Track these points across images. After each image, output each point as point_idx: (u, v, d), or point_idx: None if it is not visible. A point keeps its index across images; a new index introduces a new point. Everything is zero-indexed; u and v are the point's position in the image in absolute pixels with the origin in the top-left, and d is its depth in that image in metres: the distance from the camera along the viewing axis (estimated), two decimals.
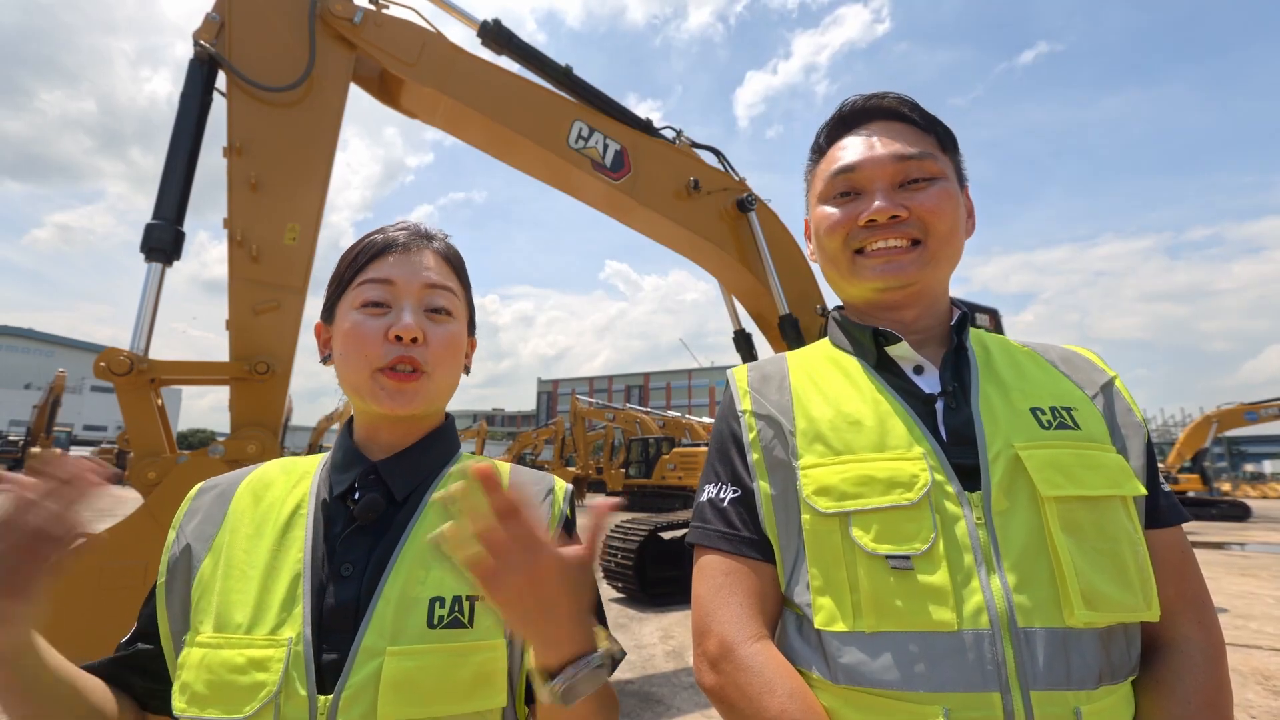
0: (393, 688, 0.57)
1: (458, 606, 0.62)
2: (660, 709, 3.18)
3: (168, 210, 3.53)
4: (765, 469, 0.70)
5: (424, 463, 0.72)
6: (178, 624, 0.65)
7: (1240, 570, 8.68)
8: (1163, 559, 0.66)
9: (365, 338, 0.67)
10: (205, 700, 0.57)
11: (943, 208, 0.70)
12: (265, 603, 0.61)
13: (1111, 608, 0.58)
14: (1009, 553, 0.59)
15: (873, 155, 0.71)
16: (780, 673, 0.62)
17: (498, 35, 4.75)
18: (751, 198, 5.70)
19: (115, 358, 3.12)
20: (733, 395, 0.76)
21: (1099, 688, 0.57)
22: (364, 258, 0.70)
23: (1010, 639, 0.56)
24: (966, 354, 0.72)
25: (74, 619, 2.60)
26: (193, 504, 0.71)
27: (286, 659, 0.58)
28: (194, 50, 3.69)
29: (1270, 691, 3.57)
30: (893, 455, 0.64)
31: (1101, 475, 0.63)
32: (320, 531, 0.66)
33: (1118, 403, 0.72)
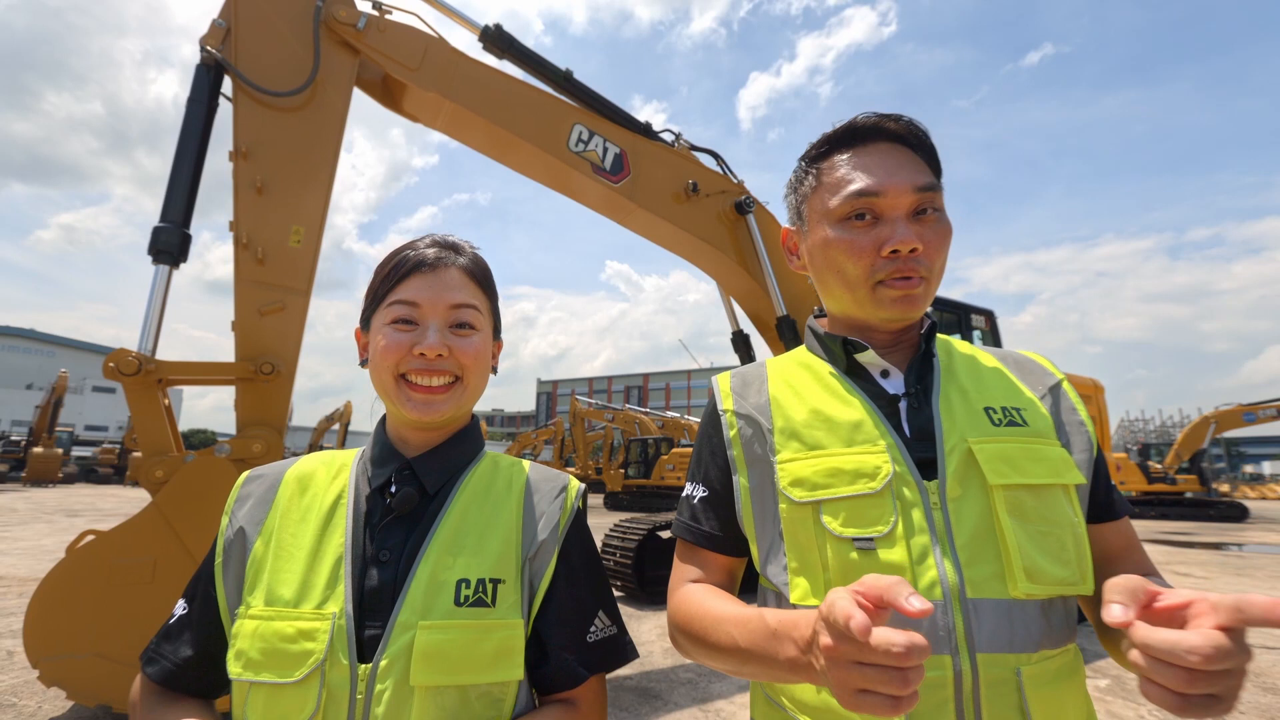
0: (424, 658, 0.63)
1: (481, 588, 0.68)
2: (658, 704, 3.24)
3: (175, 213, 3.58)
4: (745, 463, 0.77)
5: (453, 459, 0.78)
6: (233, 598, 0.71)
7: (1235, 570, 8.72)
8: (1116, 544, 0.73)
9: (393, 352, 0.73)
10: (259, 666, 0.63)
11: (945, 244, 0.76)
12: (311, 581, 0.67)
13: (1050, 582, 0.64)
14: (961, 534, 0.66)
15: (895, 183, 0.73)
16: (691, 593, 0.76)
17: (499, 40, 4.80)
18: (750, 200, 5.76)
19: (124, 358, 3.17)
20: (716, 398, 0.84)
21: (1038, 651, 0.64)
22: (395, 277, 0.75)
23: (960, 609, 0.63)
24: (932, 359, 0.79)
25: (86, 613, 2.66)
26: (243, 490, 0.77)
27: (331, 631, 0.63)
28: (200, 56, 3.75)
29: (1260, 688, 3.63)
30: (859, 450, 0.70)
31: (1044, 466, 0.68)
32: (360, 520, 0.72)
33: (1063, 403, 0.77)
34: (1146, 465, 21.89)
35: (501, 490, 0.78)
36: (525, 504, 0.77)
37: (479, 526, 0.73)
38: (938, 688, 0.62)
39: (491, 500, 0.76)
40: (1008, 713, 0.62)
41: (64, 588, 2.65)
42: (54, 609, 2.62)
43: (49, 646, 2.58)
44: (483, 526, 0.73)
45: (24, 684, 3.30)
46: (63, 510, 14.52)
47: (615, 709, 3.16)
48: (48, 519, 12.60)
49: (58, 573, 2.66)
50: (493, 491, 0.77)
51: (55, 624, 2.61)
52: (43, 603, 2.61)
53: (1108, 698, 3.42)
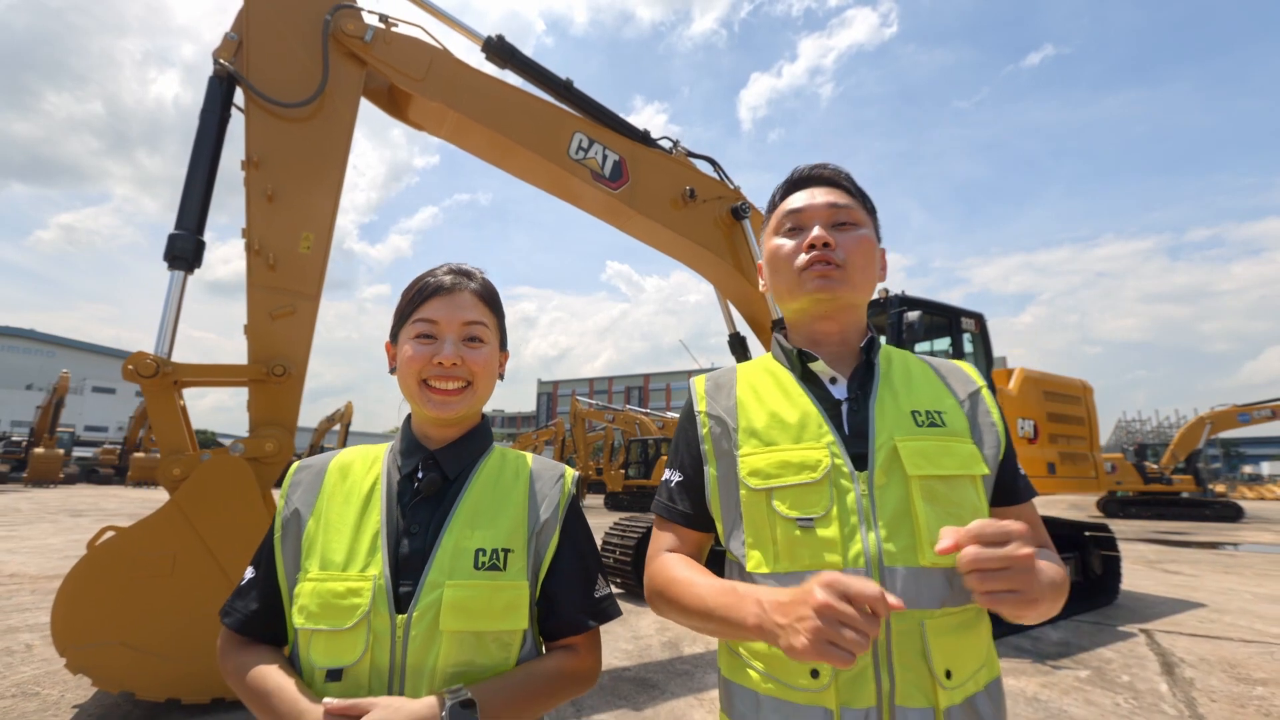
0: (450, 609, 0.78)
1: (495, 556, 0.82)
2: (655, 693, 3.37)
3: (189, 221, 3.71)
4: (714, 457, 0.91)
5: (469, 451, 0.92)
6: (290, 567, 0.84)
7: (1225, 569, 8.85)
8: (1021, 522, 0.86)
9: (416, 361, 0.88)
10: (318, 617, 0.77)
11: (861, 246, 0.91)
12: (355, 550, 0.81)
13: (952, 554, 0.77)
14: (883, 514, 0.79)
15: (813, 203, 0.93)
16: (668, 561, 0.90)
17: (501, 50, 4.93)
18: (745, 205, 5.88)
19: (142, 361, 3.30)
20: (693, 399, 0.98)
21: (941, 609, 0.77)
22: (418, 299, 0.91)
23: (879, 574, 0.77)
24: (873, 369, 0.93)
25: (109, 604, 2.79)
26: (294, 479, 0.91)
27: (373, 589, 0.78)
28: (213, 68, 3.87)
29: (1233, 679, 3.76)
30: (805, 446, 0.84)
31: (955, 460, 0.82)
32: (393, 500, 0.86)
33: (980, 407, 0.91)
34: (1143, 465, 21.96)
35: (510, 477, 0.92)
36: (530, 488, 0.92)
37: (492, 506, 0.88)
38: None
39: (502, 485, 0.91)
40: (913, 656, 0.75)
41: (89, 581, 2.78)
42: (79, 601, 2.75)
43: (75, 636, 2.71)
44: (495, 506, 0.88)
45: (46, 674, 3.43)
46: (66, 510, 14.63)
47: (615, 697, 3.29)
48: (52, 519, 12.71)
49: (82, 566, 2.79)
50: (502, 478, 0.92)
51: (81, 615, 2.74)
52: (69, 595, 2.74)
53: (1087, 687, 3.56)
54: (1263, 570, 8.75)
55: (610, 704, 3.21)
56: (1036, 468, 5.90)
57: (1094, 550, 6.27)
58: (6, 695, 3.11)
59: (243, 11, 3.96)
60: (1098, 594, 6.07)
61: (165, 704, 2.87)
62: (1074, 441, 6.46)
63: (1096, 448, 6.87)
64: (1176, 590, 6.97)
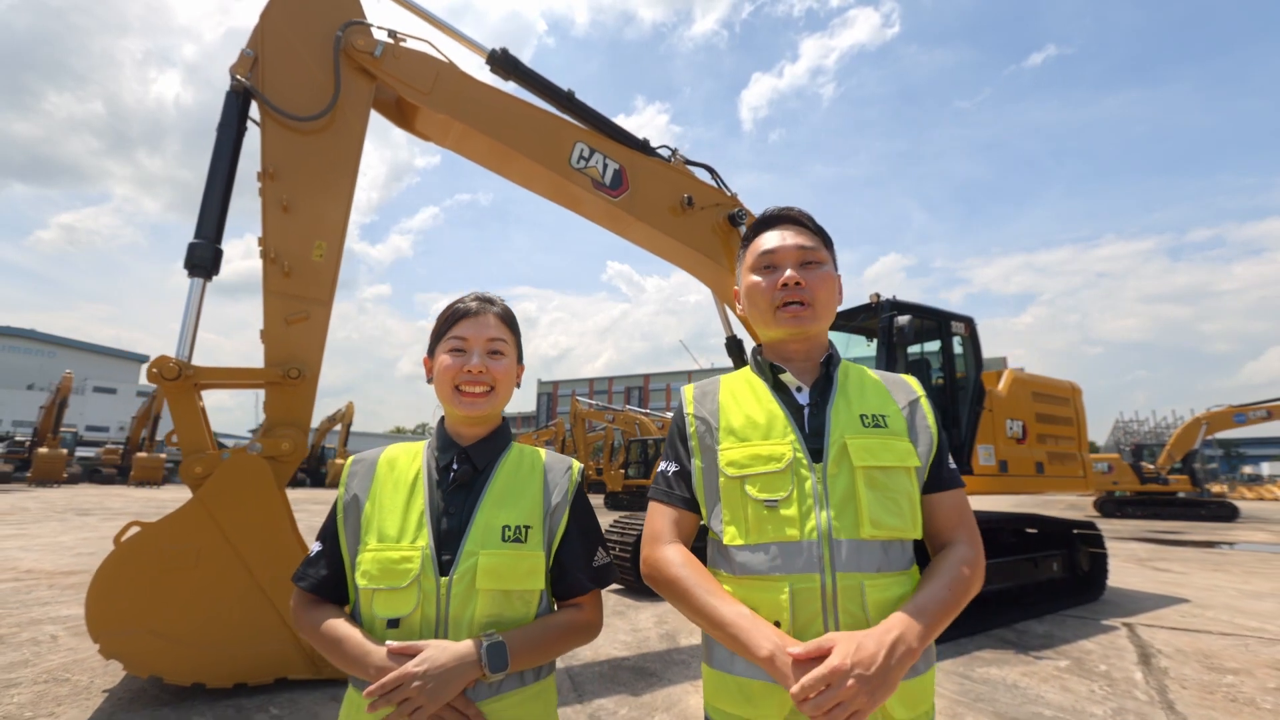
0: (483, 572, 0.96)
1: (518, 531, 1.01)
2: (654, 680, 3.54)
3: (208, 230, 3.87)
4: (699, 451, 1.08)
5: (493, 447, 1.11)
6: (352, 541, 1.02)
7: (1214, 566, 9.01)
8: (948, 507, 1.05)
9: (450, 371, 1.07)
10: (378, 579, 0.96)
11: (825, 284, 1.09)
12: (405, 526, 0.99)
13: (887, 529, 0.95)
14: (834, 497, 0.96)
15: (784, 244, 1.09)
16: (679, 557, 1.01)
17: (504, 62, 5.10)
18: (742, 212, 6.05)
19: (165, 364, 3.47)
20: (683, 404, 1.16)
21: (878, 573, 0.94)
22: (451, 320, 1.10)
23: (828, 545, 0.93)
24: (832, 380, 1.10)
25: (138, 595, 2.96)
26: (352, 470, 1.10)
27: (422, 557, 0.96)
28: (231, 84, 4.04)
29: (1206, 668, 3.92)
30: (773, 442, 1.01)
31: (893, 454, 1.01)
32: (433, 487, 1.05)
33: (918, 413, 1.10)
34: (1139, 465, 22.12)
35: (527, 468, 1.11)
36: (544, 478, 1.10)
37: (514, 491, 1.06)
38: (812, 595, 0.93)
39: (521, 475, 1.09)
40: (854, 609, 0.92)
41: (119, 572, 2.95)
42: (111, 591, 2.92)
43: (108, 624, 2.88)
44: (516, 491, 1.06)
45: (74, 662, 3.60)
46: (72, 509, 14.79)
47: (614, 684, 3.46)
48: (59, 518, 12.87)
49: (113, 559, 2.96)
50: (521, 469, 1.10)
51: (112, 604, 2.91)
52: (101, 586, 2.91)
53: (1065, 676, 3.72)
54: (1250, 568, 8.91)
55: (610, 690, 3.38)
56: (1025, 467, 6.07)
57: (1081, 548, 6.45)
58: (40, 681, 3.28)
59: (258, 28, 4.13)
60: (1084, 590, 6.24)
61: (191, 688, 3.04)
62: (1062, 442, 6.63)
63: (1085, 448, 7.03)
64: (1164, 587, 7.14)
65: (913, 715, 0.93)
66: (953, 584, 0.94)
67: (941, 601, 0.92)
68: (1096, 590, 6.33)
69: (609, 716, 3.03)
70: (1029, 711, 3.15)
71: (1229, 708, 3.24)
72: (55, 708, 2.94)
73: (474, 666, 0.89)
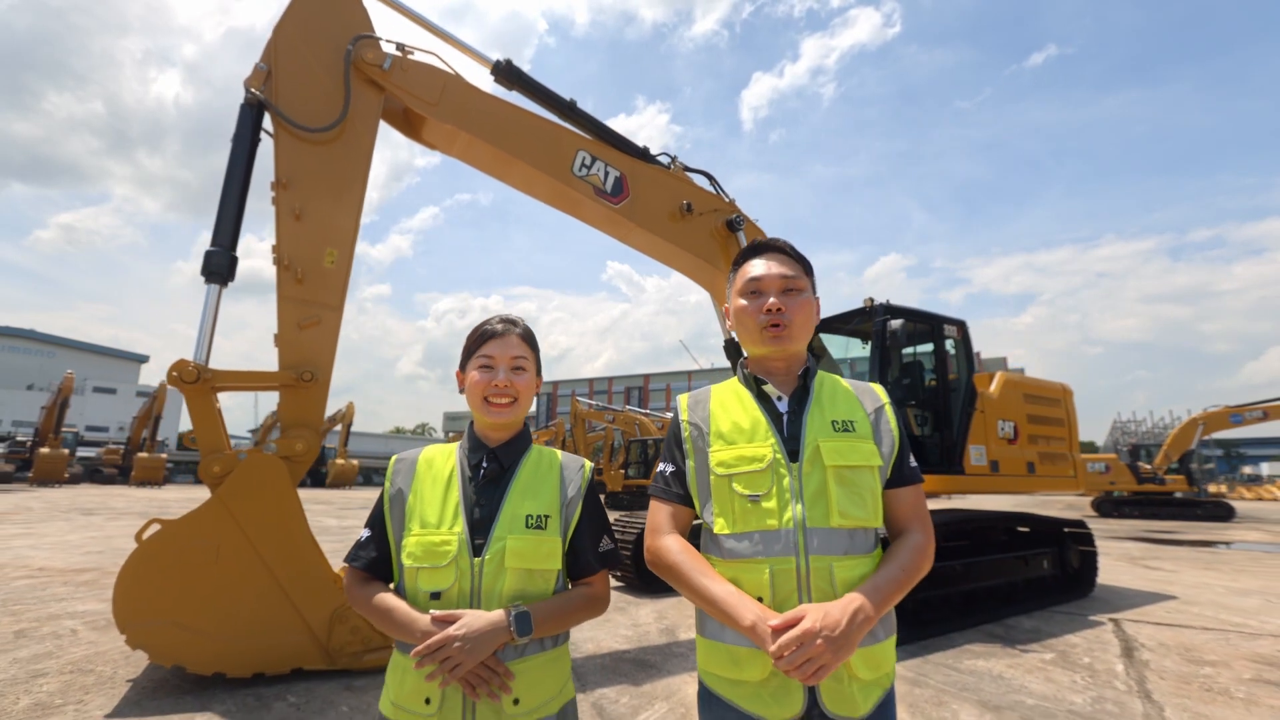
0: (510, 554, 1.12)
1: (539, 519, 1.17)
2: (653, 671, 3.68)
3: (224, 238, 4.02)
4: (693, 453, 1.23)
5: (517, 448, 1.26)
6: (398, 527, 1.18)
7: (1205, 565, 9.17)
8: (906, 500, 1.20)
9: (480, 384, 1.23)
10: (421, 559, 1.11)
11: (803, 309, 1.24)
12: (443, 516, 1.15)
13: (853, 519, 1.10)
14: (808, 492, 1.11)
15: (769, 273, 1.25)
16: (677, 545, 1.17)
17: (508, 73, 5.24)
18: (740, 218, 6.20)
19: (185, 368, 3.61)
20: (678, 411, 1.31)
21: (845, 556, 1.09)
22: (480, 340, 1.27)
23: (802, 533, 1.10)
24: (809, 390, 1.25)
25: (162, 588, 3.10)
26: (395, 467, 1.26)
27: (458, 541, 1.13)
28: (245, 97, 4.18)
29: (1186, 660, 4.07)
30: (756, 444, 1.16)
31: (859, 455, 1.16)
32: (465, 483, 1.20)
33: (882, 418, 1.24)
34: (1136, 466, 22.27)
35: (546, 467, 1.26)
36: (561, 474, 1.26)
37: (535, 486, 1.21)
38: (789, 575, 1.08)
39: (540, 472, 1.25)
40: (825, 587, 1.07)
41: (144, 566, 3.09)
42: (137, 584, 3.06)
43: (134, 615, 3.02)
44: (537, 486, 1.22)
45: (97, 654, 3.74)
46: (76, 509, 14.93)
47: (616, 675, 3.61)
48: (65, 517, 13.01)
49: (138, 554, 3.10)
50: (540, 467, 1.26)
51: (138, 597, 3.05)
52: (127, 579, 3.05)
53: (1050, 668, 3.87)
54: (1241, 566, 9.06)
55: (611, 680, 3.53)
56: (1016, 467, 6.22)
57: (1071, 546, 6.59)
58: (66, 672, 3.42)
59: (271, 42, 4.27)
60: (1074, 587, 6.39)
61: (212, 677, 3.18)
62: (1054, 442, 6.77)
63: (1076, 448, 7.18)
64: (1153, 584, 7.29)
65: (875, 676, 1.09)
66: (905, 566, 1.11)
67: (895, 580, 1.08)
68: (1086, 587, 6.48)
69: (611, 704, 3.17)
70: (1012, 700, 3.29)
71: (1203, 696, 3.38)
72: (84, 695, 3.08)
73: (504, 632, 1.05)
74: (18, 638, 4.06)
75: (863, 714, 1.06)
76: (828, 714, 1.05)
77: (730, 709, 1.10)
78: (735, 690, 1.10)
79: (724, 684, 1.12)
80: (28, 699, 3.02)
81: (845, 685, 1.06)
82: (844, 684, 1.06)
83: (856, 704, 1.06)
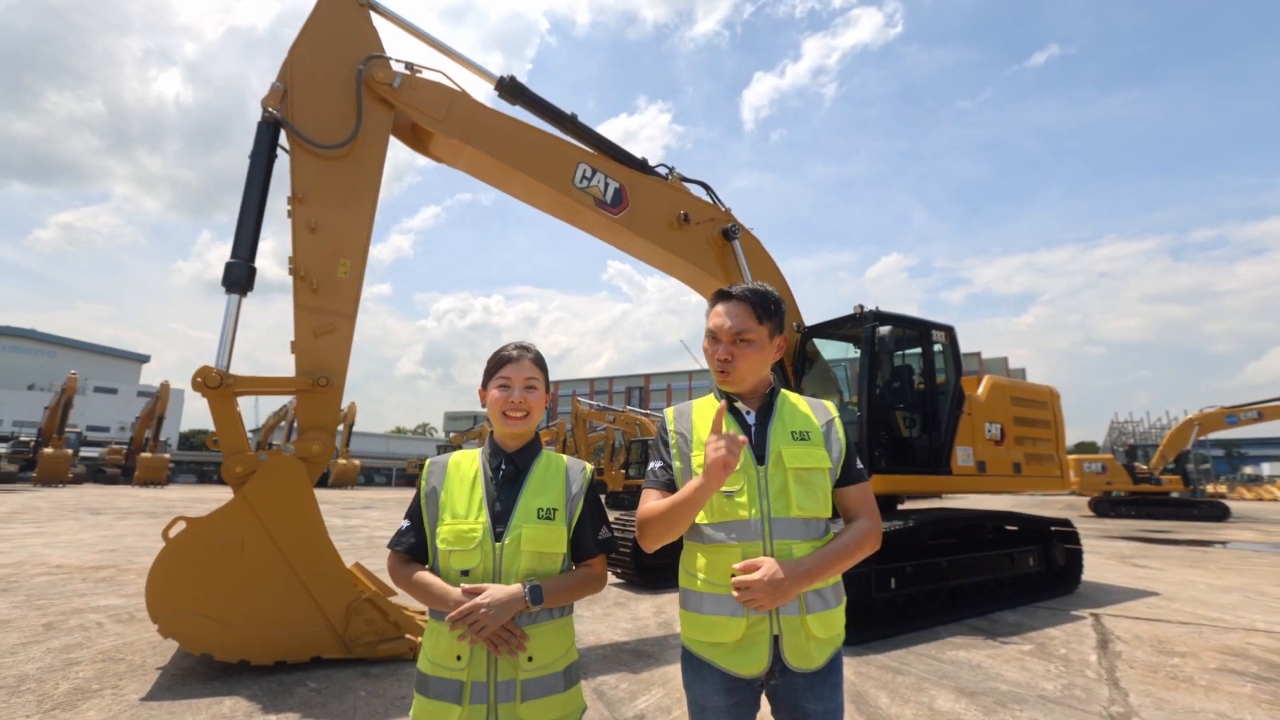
0: (526, 539, 1.33)
1: (549, 512, 1.38)
2: (651, 661, 3.89)
3: (243, 250, 4.23)
4: (679, 457, 1.45)
5: (529, 453, 1.48)
6: (431, 518, 1.39)
7: (1192, 563, 9.37)
8: (854, 495, 1.42)
9: (499, 401, 1.45)
10: (453, 543, 1.33)
11: (746, 358, 1.42)
12: (470, 508, 1.37)
13: (808, 511, 1.33)
14: (772, 489, 1.34)
15: (723, 325, 1.45)
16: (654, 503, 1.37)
17: (512, 89, 5.46)
18: (735, 227, 6.41)
19: (209, 374, 3.82)
20: (665, 421, 1.53)
21: (802, 540, 1.32)
22: (499, 364, 1.48)
23: (768, 522, 1.32)
24: (773, 406, 1.47)
25: (191, 581, 3.32)
26: (430, 469, 1.47)
27: (482, 529, 1.33)
28: (262, 115, 4.39)
29: (1157, 652, 4.27)
30: None
31: (813, 459, 1.38)
32: (488, 481, 1.42)
33: (831, 429, 1.46)
34: (1133, 466, 22.47)
35: (554, 469, 1.48)
36: (566, 475, 1.48)
37: (545, 485, 1.43)
38: (757, 555, 1.29)
39: (549, 473, 1.46)
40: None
41: (174, 562, 3.31)
42: (168, 577, 3.27)
43: (165, 606, 3.23)
44: (547, 485, 1.43)
45: (124, 645, 3.95)
46: (84, 509, 15.14)
47: (615, 664, 3.82)
48: (73, 516, 13.21)
49: (168, 550, 3.31)
50: (549, 469, 1.47)
51: (169, 589, 3.26)
52: (159, 572, 3.26)
53: (1027, 658, 4.08)
54: (1226, 565, 9.27)
55: (612, 669, 3.74)
56: (1002, 467, 6.43)
57: (1057, 544, 6.80)
58: (97, 660, 3.63)
59: (287, 63, 4.48)
60: (1059, 583, 6.60)
61: (237, 665, 3.39)
62: (1040, 443, 6.99)
63: (1062, 449, 7.39)
64: (1138, 582, 7.50)
65: (828, 635, 1.32)
66: (848, 543, 1.34)
67: (836, 553, 1.32)
68: (1071, 584, 6.69)
69: (611, 690, 3.38)
70: (987, 686, 3.50)
71: (1167, 684, 3.59)
72: (118, 681, 3.29)
73: (520, 601, 1.27)
74: (47, 630, 4.27)
75: (817, 665, 1.30)
76: (789, 666, 1.28)
77: (709, 667, 1.32)
78: (713, 651, 1.32)
79: (704, 647, 1.34)
80: (67, 684, 3.23)
81: (804, 643, 1.29)
82: (803, 642, 1.28)
83: (812, 658, 1.29)
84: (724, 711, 1.31)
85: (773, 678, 1.31)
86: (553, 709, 1.31)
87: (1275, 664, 4.04)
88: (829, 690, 1.31)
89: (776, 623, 1.29)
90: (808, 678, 1.30)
